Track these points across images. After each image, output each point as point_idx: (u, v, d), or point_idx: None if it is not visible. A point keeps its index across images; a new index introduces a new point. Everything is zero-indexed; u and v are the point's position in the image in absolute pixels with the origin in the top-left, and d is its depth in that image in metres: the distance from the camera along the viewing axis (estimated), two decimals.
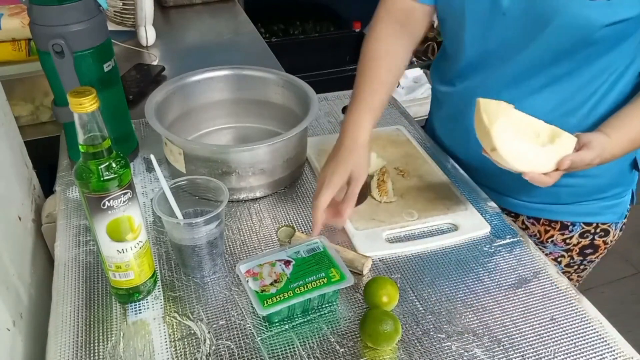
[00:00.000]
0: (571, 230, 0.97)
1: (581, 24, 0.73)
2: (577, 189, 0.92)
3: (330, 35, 2.53)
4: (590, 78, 0.81)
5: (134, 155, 1.00)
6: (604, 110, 0.83)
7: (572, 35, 0.75)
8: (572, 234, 0.97)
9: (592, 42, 0.75)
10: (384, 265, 0.79)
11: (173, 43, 1.58)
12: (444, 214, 0.88)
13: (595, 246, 0.99)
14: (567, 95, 0.83)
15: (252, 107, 1.07)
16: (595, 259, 1.02)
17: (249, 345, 0.67)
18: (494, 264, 0.80)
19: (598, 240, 0.98)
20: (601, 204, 0.95)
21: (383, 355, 0.67)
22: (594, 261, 1.02)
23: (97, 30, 0.84)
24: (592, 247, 0.99)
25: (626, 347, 0.68)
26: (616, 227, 0.98)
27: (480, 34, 0.84)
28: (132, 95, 1.23)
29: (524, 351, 0.68)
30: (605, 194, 0.94)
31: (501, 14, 0.79)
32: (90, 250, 0.81)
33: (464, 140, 0.96)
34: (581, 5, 0.72)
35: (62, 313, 0.71)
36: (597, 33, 0.74)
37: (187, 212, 0.76)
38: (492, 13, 0.80)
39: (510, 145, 0.72)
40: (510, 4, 0.78)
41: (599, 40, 0.75)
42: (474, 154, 0.92)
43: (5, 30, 1.23)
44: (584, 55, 0.78)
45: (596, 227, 0.97)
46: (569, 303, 0.74)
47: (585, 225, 0.96)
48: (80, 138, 0.60)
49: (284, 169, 0.91)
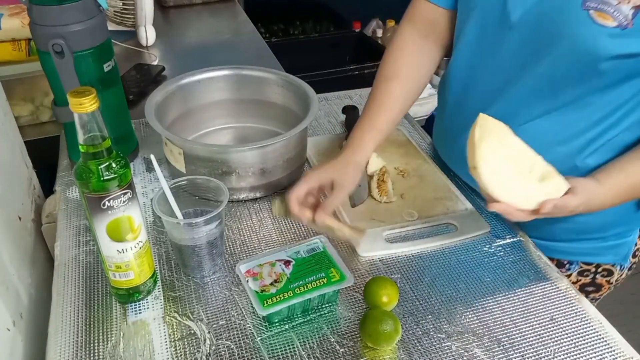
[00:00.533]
0: (568, 268, 0.91)
1: (589, 50, 0.68)
2: (574, 226, 0.85)
3: (330, 35, 2.54)
4: (595, 111, 0.75)
5: (134, 155, 1.00)
6: (606, 147, 0.78)
7: (578, 61, 0.70)
8: (569, 272, 0.92)
9: (599, 72, 0.70)
10: (384, 265, 0.79)
11: (173, 43, 1.58)
12: (444, 214, 0.88)
13: (598, 285, 0.93)
14: (568, 126, 0.77)
15: (252, 107, 1.07)
16: (600, 297, 0.96)
17: (249, 345, 0.67)
18: (494, 264, 0.80)
19: (600, 279, 0.93)
20: (601, 244, 0.89)
21: (383, 355, 0.67)
22: (598, 299, 0.97)
23: (97, 30, 0.84)
24: (593, 285, 0.93)
25: (626, 347, 0.68)
26: (622, 268, 0.92)
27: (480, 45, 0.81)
28: (132, 95, 1.23)
29: (524, 351, 0.68)
30: (605, 233, 0.87)
31: (508, 27, 0.75)
32: (90, 250, 0.81)
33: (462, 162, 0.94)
34: (591, 30, 0.67)
35: (62, 313, 0.71)
36: (604, 63, 0.68)
37: (187, 212, 0.76)
38: (498, 26, 0.76)
39: (493, 169, 0.67)
40: (519, 19, 0.74)
41: (607, 72, 0.70)
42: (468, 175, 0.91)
43: (5, 30, 1.23)
44: (590, 86, 0.73)
45: (597, 266, 0.91)
46: (569, 303, 0.74)
47: (584, 265, 0.91)
48: (80, 138, 0.60)
49: (284, 169, 0.91)
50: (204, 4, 1.86)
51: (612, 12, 0.66)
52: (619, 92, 0.73)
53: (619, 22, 0.66)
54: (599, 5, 0.66)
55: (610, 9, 0.66)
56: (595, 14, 0.67)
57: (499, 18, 0.76)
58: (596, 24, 0.67)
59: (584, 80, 0.72)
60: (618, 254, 0.90)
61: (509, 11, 0.74)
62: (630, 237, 0.90)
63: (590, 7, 0.67)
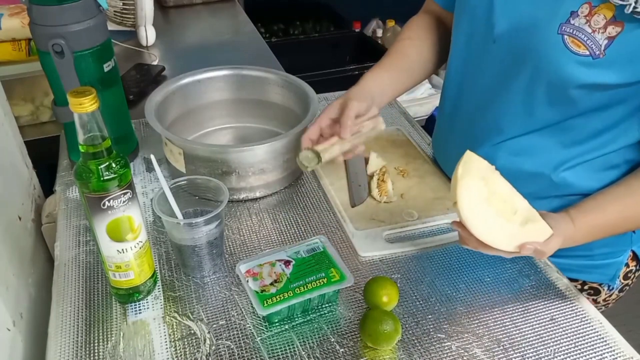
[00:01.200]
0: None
1: (558, 74, 0.69)
2: None
3: (330, 35, 2.54)
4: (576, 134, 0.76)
5: (134, 155, 1.00)
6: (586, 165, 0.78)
7: (549, 83, 0.71)
8: None
9: (570, 99, 0.70)
10: (384, 265, 0.79)
11: (173, 43, 1.58)
12: (444, 214, 0.88)
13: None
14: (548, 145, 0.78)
15: (252, 107, 1.07)
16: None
17: (249, 345, 0.67)
18: (494, 263, 0.80)
19: (587, 297, 0.90)
20: (587, 261, 0.88)
21: (383, 355, 0.67)
22: None
23: (97, 30, 0.84)
24: None
25: (626, 347, 0.68)
26: (610, 289, 0.91)
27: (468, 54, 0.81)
28: (132, 95, 1.23)
29: (524, 351, 0.68)
30: (591, 252, 0.86)
31: (492, 40, 0.76)
32: (90, 250, 0.81)
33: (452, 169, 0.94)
34: (563, 55, 0.67)
35: (62, 313, 0.71)
36: (574, 90, 0.69)
37: (187, 212, 0.76)
38: (484, 37, 0.77)
39: (473, 206, 0.66)
40: (501, 32, 0.74)
41: (578, 100, 0.70)
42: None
43: (5, 30, 1.23)
44: (566, 111, 0.73)
45: (583, 283, 0.91)
46: (569, 303, 0.74)
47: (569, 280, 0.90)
48: (80, 138, 0.60)
49: (284, 169, 0.91)
50: (204, 4, 1.86)
51: (586, 41, 0.66)
52: (598, 119, 0.73)
53: (590, 51, 0.66)
54: (573, 32, 0.67)
55: (584, 36, 0.66)
56: (569, 40, 0.67)
57: (484, 29, 0.77)
58: (568, 49, 0.67)
59: (558, 105, 0.73)
60: (605, 274, 0.89)
61: (493, 23, 0.75)
62: (619, 258, 0.89)
63: (566, 32, 0.67)
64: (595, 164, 0.78)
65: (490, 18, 0.75)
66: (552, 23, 0.68)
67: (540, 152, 0.79)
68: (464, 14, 0.81)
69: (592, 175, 0.79)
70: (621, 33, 0.64)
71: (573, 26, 0.67)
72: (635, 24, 0.64)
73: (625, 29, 0.64)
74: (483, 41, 0.78)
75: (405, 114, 1.19)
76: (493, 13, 0.75)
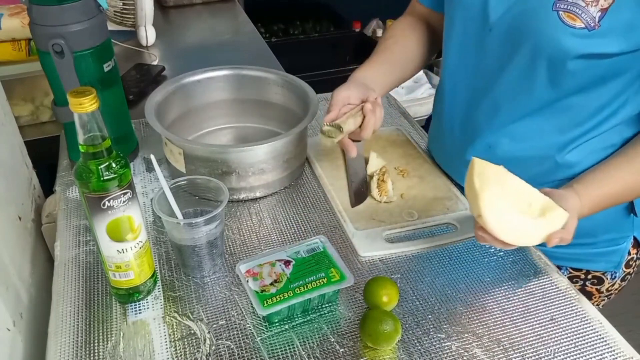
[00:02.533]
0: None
1: (556, 48, 0.70)
2: None
3: (330, 35, 2.54)
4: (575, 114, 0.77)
5: (134, 155, 1.00)
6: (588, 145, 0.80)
7: (547, 60, 0.72)
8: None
9: (569, 72, 0.72)
10: (384, 265, 0.79)
11: (173, 43, 1.58)
12: (444, 214, 0.88)
13: (588, 292, 0.93)
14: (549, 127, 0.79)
15: (252, 107, 1.07)
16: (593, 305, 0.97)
17: (249, 345, 0.67)
18: (494, 263, 0.80)
19: (590, 287, 0.93)
20: (591, 249, 0.89)
21: (383, 355, 0.67)
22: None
23: (97, 30, 0.84)
24: (584, 292, 0.91)
25: (626, 347, 0.68)
26: (613, 277, 0.92)
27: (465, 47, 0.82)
28: (132, 95, 1.23)
29: (524, 351, 0.68)
30: (595, 238, 0.88)
31: (488, 29, 0.77)
32: (90, 250, 0.81)
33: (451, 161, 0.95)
34: (559, 29, 0.69)
35: (62, 313, 0.71)
36: (571, 62, 0.71)
37: (187, 212, 0.76)
38: (480, 27, 0.78)
39: (498, 216, 0.68)
40: (496, 19, 0.76)
41: (576, 72, 0.72)
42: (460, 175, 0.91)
43: (5, 30, 1.23)
44: (565, 88, 0.74)
45: (586, 273, 0.91)
46: (569, 303, 0.74)
47: (573, 270, 0.91)
48: (80, 138, 0.60)
49: (284, 169, 0.91)
50: (204, 4, 1.86)
51: (580, 14, 0.68)
52: (597, 95, 0.75)
53: (585, 24, 0.68)
54: (568, 7, 0.69)
55: (579, 10, 0.68)
56: (564, 15, 0.69)
57: (480, 20, 0.78)
58: (564, 24, 0.69)
59: (557, 82, 0.74)
60: (610, 261, 0.90)
61: (489, 13, 0.77)
62: (623, 244, 0.89)
63: (560, 9, 0.70)
64: (596, 143, 0.80)
65: (486, 9, 0.77)
66: (547, 2, 0.70)
67: (542, 136, 0.80)
68: (457, 10, 0.82)
69: (594, 155, 0.80)
70: (613, 4, 0.67)
71: (567, 2, 0.69)
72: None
73: (617, 1, 0.67)
74: (479, 32, 0.79)
75: (405, 114, 1.19)
76: (488, 3, 0.77)
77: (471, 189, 0.69)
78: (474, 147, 0.86)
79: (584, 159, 0.80)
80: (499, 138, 0.83)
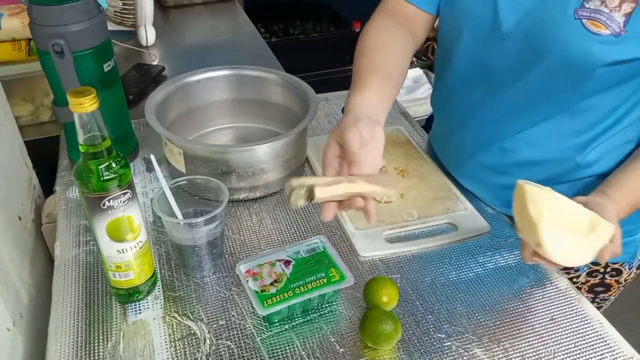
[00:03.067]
0: (577, 269, 0.91)
1: (583, 58, 0.68)
2: None
3: (330, 35, 2.53)
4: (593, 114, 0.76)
5: (134, 155, 1.00)
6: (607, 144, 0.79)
7: (572, 69, 0.70)
8: (578, 272, 0.91)
9: (593, 78, 0.71)
10: (384, 265, 0.79)
11: (173, 43, 1.58)
12: (444, 214, 0.88)
13: (607, 285, 0.93)
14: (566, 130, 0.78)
15: (252, 107, 1.07)
16: (611, 296, 0.96)
17: (249, 345, 0.67)
18: (494, 263, 0.80)
19: (609, 279, 0.92)
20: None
21: (383, 355, 0.67)
22: (609, 299, 0.96)
23: (97, 30, 0.84)
24: (602, 285, 0.93)
25: (626, 347, 0.68)
26: (630, 267, 0.92)
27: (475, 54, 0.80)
28: (132, 95, 1.23)
29: (524, 351, 0.68)
30: None
31: (501, 38, 0.75)
32: (90, 250, 0.81)
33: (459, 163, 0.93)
34: (585, 38, 0.67)
35: (62, 313, 0.71)
36: (599, 70, 0.69)
37: (187, 212, 0.76)
38: (491, 36, 0.76)
39: (556, 243, 0.66)
40: (511, 29, 0.74)
41: (600, 78, 0.70)
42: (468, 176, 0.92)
43: (5, 30, 1.23)
44: (585, 91, 0.73)
45: (605, 266, 0.91)
46: (569, 303, 0.74)
47: (592, 265, 0.91)
48: (80, 138, 0.60)
49: (284, 169, 0.91)
50: (204, 4, 1.86)
51: (605, 21, 0.67)
52: (615, 94, 0.74)
53: (612, 30, 0.67)
54: (591, 14, 0.67)
55: (603, 17, 0.67)
56: (588, 23, 0.67)
57: (490, 29, 0.76)
58: (590, 32, 0.67)
59: (579, 87, 0.73)
60: (627, 253, 0.90)
61: (501, 22, 0.74)
62: (637, 234, 0.90)
63: (583, 17, 0.68)
64: (615, 140, 0.79)
65: (496, 18, 0.75)
66: (567, 10, 0.68)
67: (560, 139, 0.79)
68: (465, 19, 0.79)
69: (614, 151, 0.79)
70: (637, 8, 0.66)
71: (589, 9, 0.67)
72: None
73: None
74: (490, 40, 0.77)
75: (405, 114, 1.19)
76: (498, 13, 0.74)
77: (524, 217, 0.66)
78: (488, 151, 0.85)
79: (604, 157, 0.80)
80: (515, 143, 0.82)
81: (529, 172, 0.83)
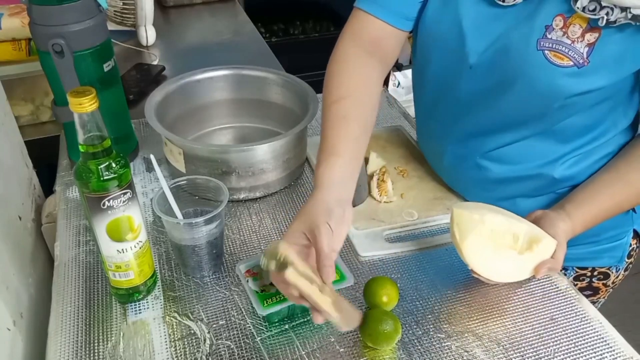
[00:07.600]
0: (564, 274, 0.86)
1: (547, 90, 0.68)
2: None
3: (330, 35, 2.53)
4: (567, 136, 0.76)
5: (134, 155, 1.00)
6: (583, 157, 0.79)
7: (537, 99, 0.70)
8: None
9: (560, 107, 0.70)
10: (384, 265, 0.79)
11: (173, 43, 1.58)
12: (444, 214, 0.88)
13: (595, 288, 0.93)
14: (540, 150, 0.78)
15: (252, 107, 1.07)
16: (600, 299, 0.96)
17: (249, 345, 0.67)
18: None
19: (597, 282, 0.92)
20: (595, 248, 0.88)
21: (383, 355, 0.67)
22: (599, 301, 0.96)
23: (97, 30, 0.84)
24: (590, 289, 0.93)
25: (626, 347, 0.68)
26: (618, 270, 0.92)
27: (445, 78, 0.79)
28: (132, 95, 1.23)
29: (524, 351, 0.68)
30: (598, 237, 0.87)
31: (468, 66, 0.74)
32: (90, 250, 0.81)
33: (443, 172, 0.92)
34: (548, 71, 0.66)
35: (62, 313, 0.71)
36: (567, 99, 0.69)
37: (187, 212, 0.76)
38: (459, 62, 0.75)
39: (482, 262, 0.70)
40: (477, 59, 0.73)
41: (568, 106, 0.70)
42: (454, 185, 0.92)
43: (5, 30, 1.23)
44: (555, 118, 0.73)
45: (592, 270, 0.91)
46: (569, 303, 0.74)
47: (579, 269, 0.91)
48: (80, 138, 0.60)
49: (284, 169, 0.91)
50: (204, 4, 1.86)
51: (567, 52, 0.66)
52: (588, 116, 0.74)
53: (574, 61, 0.66)
54: (553, 45, 0.66)
55: (565, 48, 0.65)
56: (550, 54, 0.66)
57: (458, 56, 0.75)
58: (552, 64, 0.66)
59: (549, 114, 0.72)
60: (614, 257, 0.90)
61: (468, 50, 0.73)
62: (624, 238, 0.89)
63: (545, 47, 0.66)
64: (593, 154, 0.79)
65: (463, 47, 0.73)
66: (529, 41, 0.67)
67: (533, 157, 0.79)
68: (434, 44, 0.78)
69: (593, 165, 0.80)
70: (599, 39, 0.64)
71: (551, 40, 0.66)
72: (611, 29, 0.64)
73: (603, 34, 0.64)
74: (458, 67, 0.76)
75: (405, 114, 1.19)
76: (465, 42, 0.73)
77: (454, 238, 0.71)
78: (465, 166, 0.85)
79: (584, 171, 0.80)
80: (488, 162, 0.82)
81: (507, 188, 0.83)
